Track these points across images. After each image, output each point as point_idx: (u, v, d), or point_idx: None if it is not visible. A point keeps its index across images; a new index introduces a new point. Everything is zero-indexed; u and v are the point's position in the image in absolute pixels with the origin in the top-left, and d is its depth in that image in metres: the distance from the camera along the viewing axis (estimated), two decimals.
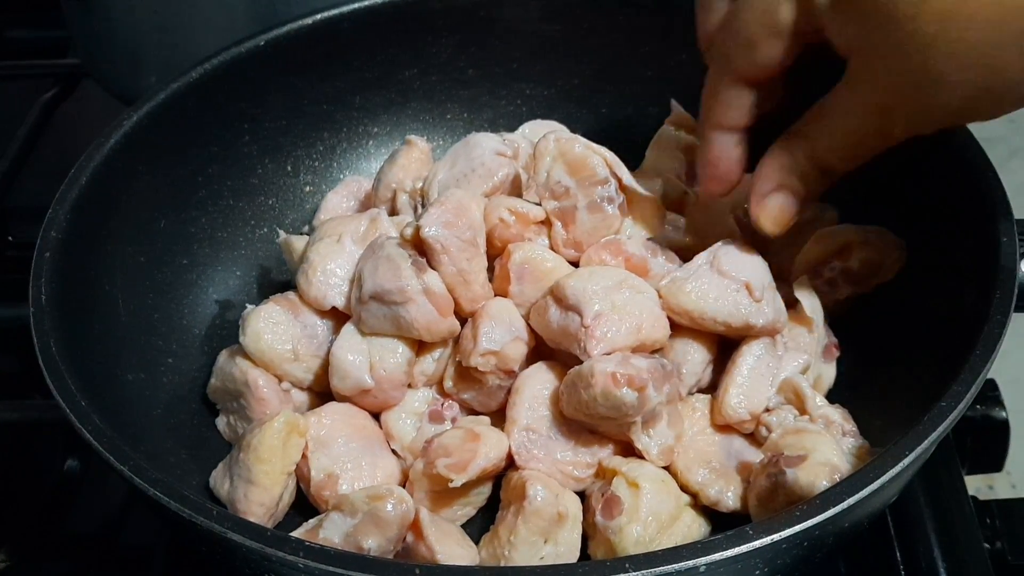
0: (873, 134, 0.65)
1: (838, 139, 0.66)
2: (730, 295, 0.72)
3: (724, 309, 0.72)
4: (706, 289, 0.72)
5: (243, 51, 0.88)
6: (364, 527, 0.65)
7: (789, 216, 0.70)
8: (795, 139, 0.68)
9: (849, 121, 0.65)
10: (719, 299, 0.72)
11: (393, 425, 0.77)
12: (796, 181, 0.69)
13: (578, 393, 0.68)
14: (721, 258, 0.73)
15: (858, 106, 0.64)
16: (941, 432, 0.58)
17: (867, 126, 0.65)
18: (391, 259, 0.73)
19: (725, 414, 0.72)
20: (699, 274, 0.73)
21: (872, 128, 0.65)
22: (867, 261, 0.78)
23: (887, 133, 0.64)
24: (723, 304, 0.72)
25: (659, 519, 0.67)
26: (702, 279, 0.73)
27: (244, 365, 0.77)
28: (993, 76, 0.59)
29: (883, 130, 0.64)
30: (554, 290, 0.73)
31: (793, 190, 0.69)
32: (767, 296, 0.73)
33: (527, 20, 0.96)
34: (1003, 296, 0.64)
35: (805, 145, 0.68)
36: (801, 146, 0.68)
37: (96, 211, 0.78)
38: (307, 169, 0.96)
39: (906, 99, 0.62)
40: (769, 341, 0.74)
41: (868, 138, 0.65)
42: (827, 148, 0.67)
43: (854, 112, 0.65)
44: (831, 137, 0.66)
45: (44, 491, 0.86)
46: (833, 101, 0.66)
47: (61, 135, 1.16)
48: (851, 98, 0.65)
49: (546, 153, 0.77)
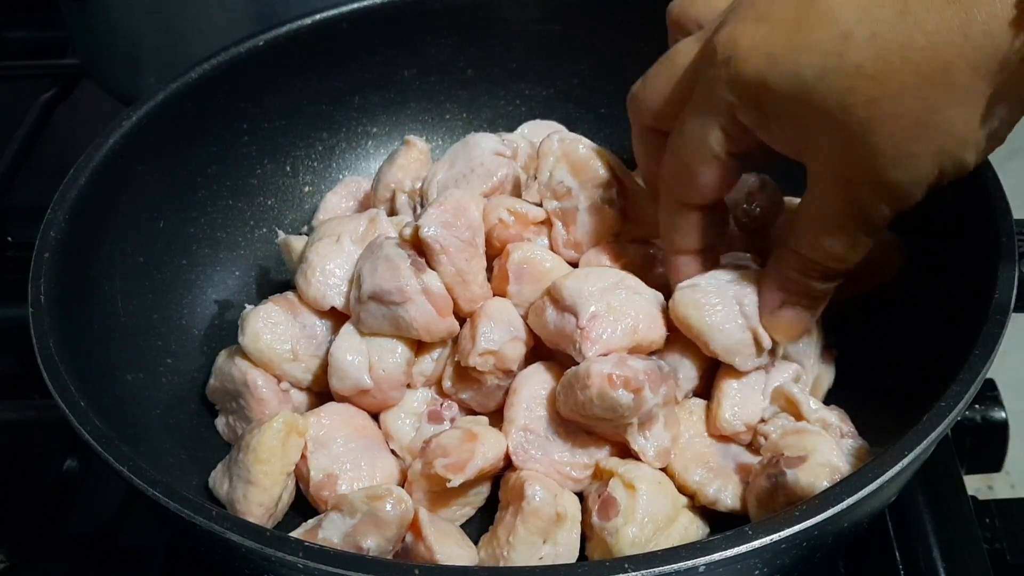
0: (852, 216, 0.62)
1: (820, 234, 0.63)
2: (735, 331, 0.70)
3: (722, 342, 0.70)
4: (718, 315, 0.69)
5: (242, 51, 0.88)
6: (363, 527, 0.65)
7: (802, 327, 0.70)
8: (782, 253, 0.67)
9: (823, 208, 0.62)
10: (723, 329, 0.70)
11: (392, 425, 0.77)
12: (797, 295, 0.68)
13: (574, 394, 0.68)
14: (746, 297, 0.70)
15: (825, 191, 0.62)
16: (940, 432, 0.58)
17: (840, 209, 0.62)
18: (390, 259, 0.74)
19: (720, 427, 0.72)
20: (720, 293, 0.70)
21: (847, 209, 0.61)
22: (866, 261, 0.78)
23: (866, 213, 0.61)
24: (723, 337, 0.70)
25: (655, 521, 0.67)
26: (717, 302, 0.70)
27: (243, 365, 0.77)
28: (942, 138, 0.57)
29: (861, 209, 0.61)
30: (551, 291, 0.73)
31: (799, 303, 0.68)
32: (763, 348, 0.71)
33: (526, 20, 0.96)
34: (1002, 296, 0.64)
35: (792, 258, 0.66)
36: (789, 260, 0.66)
37: (95, 211, 0.78)
38: (306, 169, 0.96)
39: (866, 172, 0.59)
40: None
41: (849, 223, 0.62)
42: (812, 249, 0.64)
43: (823, 197, 0.62)
44: (813, 235, 0.64)
45: (43, 491, 0.86)
46: (803, 200, 0.64)
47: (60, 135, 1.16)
48: (816, 187, 0.62)
49: (549, 153, 0.77)
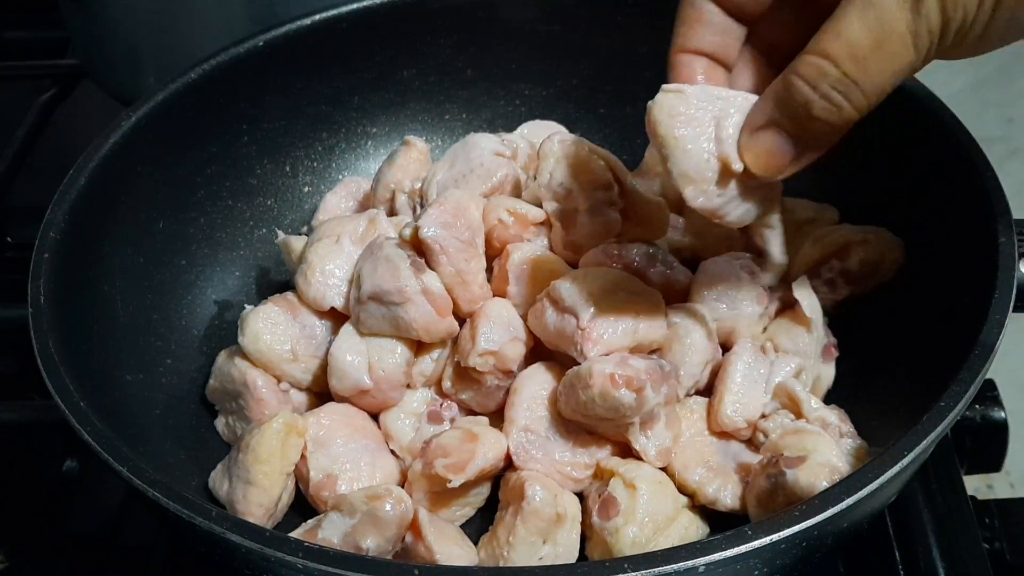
0: (900, 15, 0.54)
1: (860, 32, 0.55)
2: (699, 153, 0.62)
3: (681, 163, 0.62)
4: (688, 130, 0.61)
5: (242, 52, 0.88)
6: (363, 527, 0.65)
7: (780, 160, 0.60)
8: (797, 61, 0.58)
9: (869, 8, 0.55)
10: (687, 148, 0.61)
11: (392, 425, 0.77)
12: (790, 117, 0.59)
13: (576, 394, 0.68)
14: (728, 119, 0.62)
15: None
16: (940, 432, 0.59)
17: (892, 3, 0.54)
18: (390, 259, 0.74)
19: (721, 423, 0.72)
20: (702, 107, 0.62)
21: (898, 6, 0.54)
22: (866, 261, 0.78)
23: (917, 10, 0.54)
24: (685, 157, 0.62)
25: (656, 520, 0.67)
26: (694, 116, 0.62)
27: (243, 365, 0.77)
28: None
29: (912, 5, 0.54)
30: (551, 292, 0.73)
31: (788, 130, 0.59)
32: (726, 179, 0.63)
33: (526, 20, 0.96)
34: (1001, 296, 0.64)
35: (808, 62, 0.57)
36: (802, 65, 0.57)
37: (95, 212, 0.78)
38: (306, 169, 0.96)
39: None
40: (759, 347, 0.74)
41: (894, 22, 0.55)
42: (848, 50, 0.56)
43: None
44: (852, 36, 0.56)
45: (43, 492, 0.86)
46: (843, 4, 0.56)
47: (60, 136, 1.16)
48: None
49: (549, 155, 0.77)
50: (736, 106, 0.62)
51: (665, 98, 0.62)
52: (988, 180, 0.71)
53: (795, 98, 0.58)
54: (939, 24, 0.55)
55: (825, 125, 0.58)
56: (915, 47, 0.56)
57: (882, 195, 0.81)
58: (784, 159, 0.60)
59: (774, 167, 0.61)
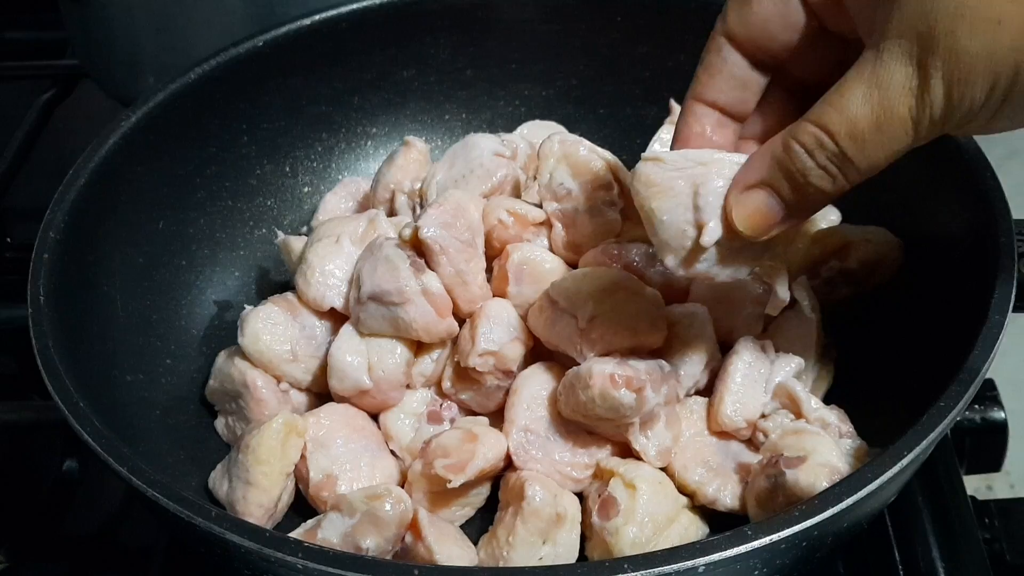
0: (905, 100, 0.54)
1: (862, 111, 0.55)
2: (677, 222, 0.61)
3: (660, 232, 0.62)
4: (666, 200, 0.61)
5: (241, 52, 0.88)
6: (362, 527, 0.65)
7: (766, 223, 0.60)
8: (793, 126, 0.58)
9: (874, 88, 0.54)
10: (664, 219, 0.61)
11: (392, 426, 0.77)
12: (783, 177, 0.58)
13: (576, 394, 0.68)
14: (707, 184, 0.61)
15: (887, 65, 0.54)
16: (939, 432, 0.59)
17: (897, 87, 0.54)
18: (390, 260, 0.74)
19: (721, 423, 0.72)
20: (682, 175, 0.61)
21: (903, 91, 0.54)
22: (865, 261, 0.78)
23: (922, 98, 0.54)
24: (662, 228, 0.61)
25: (655, 521, 0.67)
26: (672, 185, 0.61)
27: (243, 366, 0.77)
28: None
29: (919, 94, 0.54)
30: (550, 292, 0.73)
31: (780, 188, 0.59)
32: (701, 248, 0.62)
33: (525, 20, 0.96)
34: (1001, 296, 0.64)
35: (805, 129, 0.57)
36: (798, 131, 0.57)
37: (94, 212, 0.78)
38: (305, 170, 0.96)
39: (945, 43, 0.52)
40: (759, 347, 0.74)
41: (897, 106, 0.54)
42: (848, 126, 0.55)
43: (884, 72, 0.54)
44: (853, 113, 0.55)
45: (42, 492, 0.86)
46: (852, 72, 0.56)
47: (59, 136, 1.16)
48: (875, 61, 0.54)
49: (550, 155, 0.77)
50: (717, 171, 0.61)
51: (644, 167, 0.62)
52: (988, 180, 0.71)
53: (793, 163, 0.58)
54: (942, 112, 0.54)
55: (818, 192, 0.58)
56: (915, 132, 0.55)
57: (882, 195, 0.81)
58: (773, 220, 0.60)
59: (762, 227, 0.60)
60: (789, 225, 0.60)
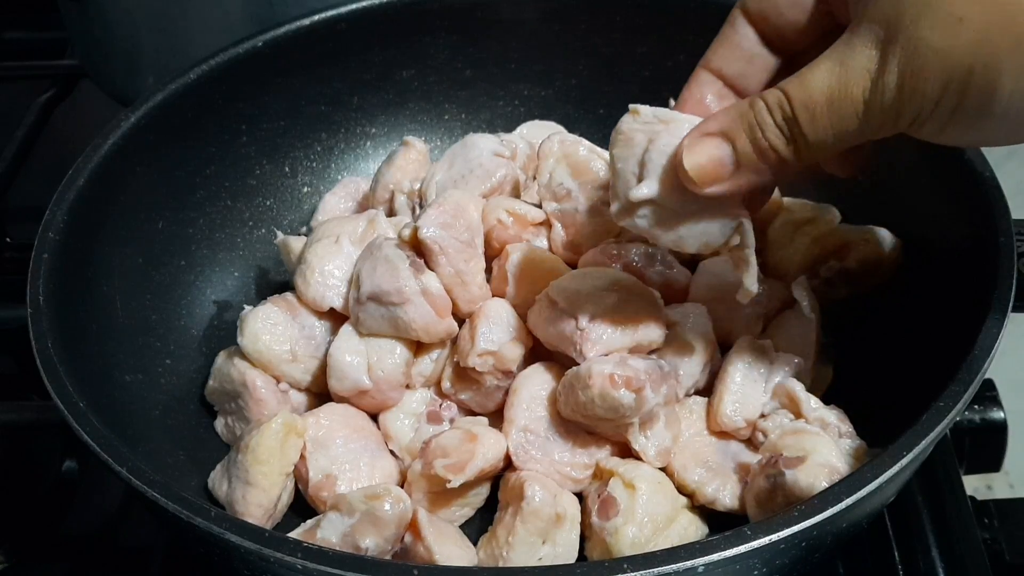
0: (861, 82, 0.55)
1: (820, 84, 0.56)
2: (627, 175, 0.63)
3: (615, 184, 0.64)
4: (623, 151, 0.63)
5: (240, 52, 0.88)
6: (362, 526, 0.65)
7: (714, 172, 0.59)
8: (769, 90, 0.59)
9: (837, 65, 0.56)
10: (619, 168, 0.63)
11: (391, 426, 0.77)
12: (745, 137, 0.59)
13: (576, 394, 0.68)
14: (661, 137, 0.62)
15: (854, 46, 0.55)
16: (939, 432, 0.59)
17: (858, 68, 0.55)
18: (389, 260, 0.74)
19: (720, 422, 0.72)
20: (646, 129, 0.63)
21: (862, 72, 0.55)
22: (865, 261, 0.78)
23: (877, 83, 0.55)
24: (618, 180, 0.63)
25: (655, 521, 0.67)
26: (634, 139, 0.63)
27: (242, 366, 0.77)
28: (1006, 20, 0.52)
29: (876, 78, 0.55)
30: (550, 292, 0.73)
31: (738, 145, 0.59)
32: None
33: (525, 21, 0.96)
34: (1000, 296, 0.64)
35: (771, 93, 0.58)
36: (765, 96, 0.58)
37: (94, 212, 0.78)
38: (305, 170, 0.96)
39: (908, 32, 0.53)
40: (758, 347, 0.74)
41: (852, 87, 0.55)
42: (804, 96, 0.57)
43: (850, 52, 0.56)
44: (812, 84, 0.56)
45: (42, 492, 0.86)
46: (828, 50, 0.57)
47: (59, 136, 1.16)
48: (847, 41, 0.56)
49: (550, 155, 0.77)
50: (673, 131, 0.61)
51: (624, 117, 0.63)
52: (987, 180, 0.71)
53: (755, 114, 0.58)
54: (893, 101, 0.55)
55: (771, 152, 0.58)
56: (865, 116, 0.56)
57: (882, 195, 0.81)
58: (721, 170, 0.59)
59: (709, 175, 0.60)
60: (733, 185, 0.60)
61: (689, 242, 0.63)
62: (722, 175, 0.59)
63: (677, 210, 0.62)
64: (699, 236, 0.63)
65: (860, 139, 0.57)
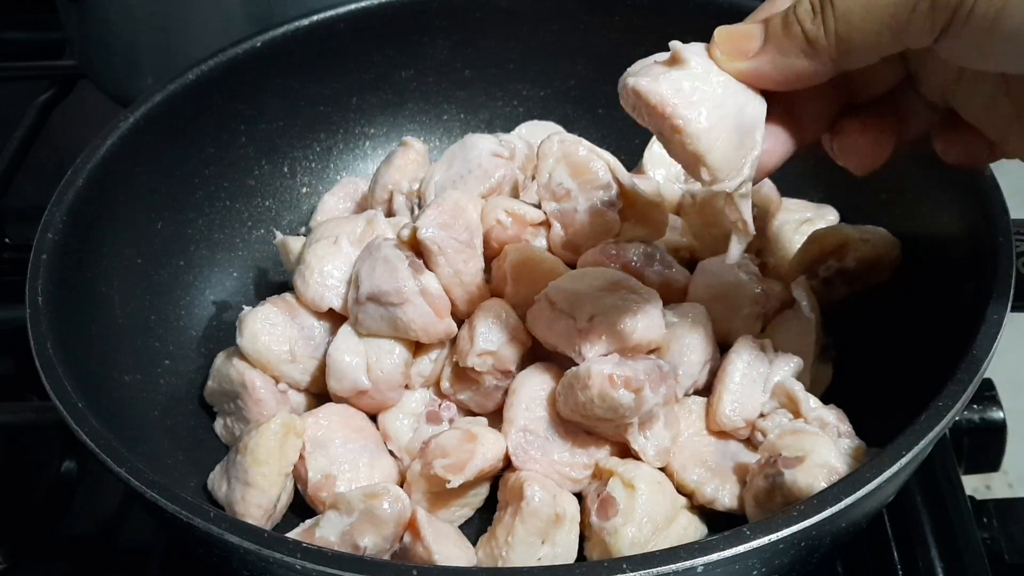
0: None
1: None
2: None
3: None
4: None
5: (239, 52, 0.88)
6: (360, 526, 0.65)
7: (743, 42, 0.59)
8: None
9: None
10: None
11: (390, 426, 0.77)
12: (778, 17, 0.57)
13: (575, 394, 0.68)
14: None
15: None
16: (938, 432, 0.58)
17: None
18: (388, 260, 0.74)
19: (719, 422, 0.72)
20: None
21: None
22: (864, 261, 0.78)
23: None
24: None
25: (654, 521, 0.67)
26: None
27: (241, 366, 0.77)
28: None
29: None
30: (548, 292, 0.73)
31: (769, 22, 0.58)
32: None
33: (524, 21, 0.95)
34: (999, 296, 0.64)
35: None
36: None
37: (93, 213, 0.78)
38: (304, 170, 0.96)
39: None
40: (757, 346, 0.74)
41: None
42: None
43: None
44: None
45: (41, 493, 0.86)
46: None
47: (58, 137, 1.16)
48: None
49: (549, 155, 0.77)
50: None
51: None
52: (986, 180, 0.71)
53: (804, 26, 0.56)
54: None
55: (796, 27, 0.56)
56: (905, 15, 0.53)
57: (880, 195, 0.81)
58: (747, 42, 0.58)
59: (738, 47, 0.58)
60: (760, 63, 0.58)
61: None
62: (748, 48, 0.58)
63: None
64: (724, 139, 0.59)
65: (891, 29, 0.54)
